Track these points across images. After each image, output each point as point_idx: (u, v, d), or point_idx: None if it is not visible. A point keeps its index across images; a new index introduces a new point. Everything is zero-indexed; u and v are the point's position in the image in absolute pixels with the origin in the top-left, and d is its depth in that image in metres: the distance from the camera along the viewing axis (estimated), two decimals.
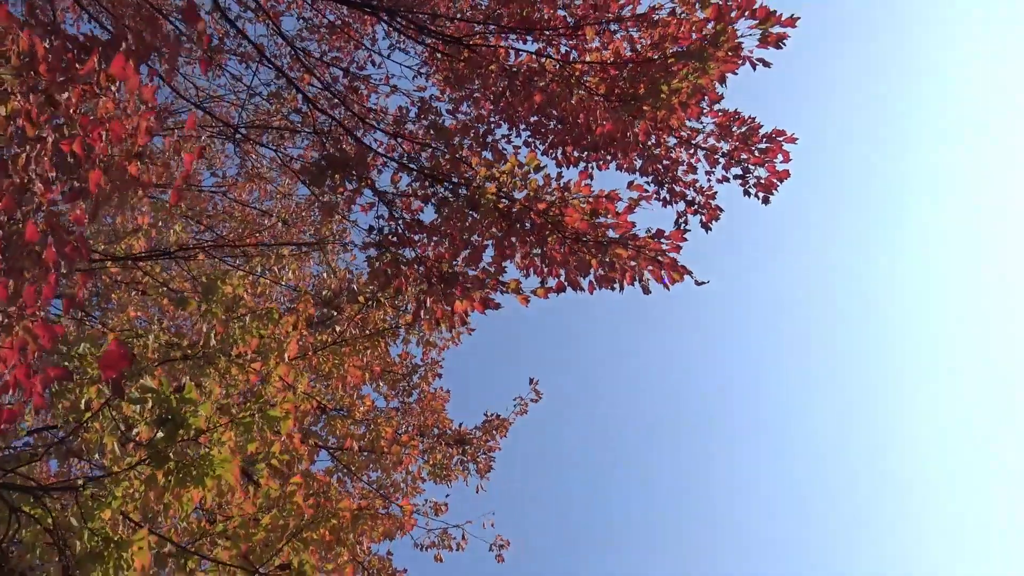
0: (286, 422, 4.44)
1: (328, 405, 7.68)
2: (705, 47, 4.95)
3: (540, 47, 6.69)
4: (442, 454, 8.94)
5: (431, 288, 5.61)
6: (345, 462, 8.63)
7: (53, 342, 2.75)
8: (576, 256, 5.35)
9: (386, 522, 7.65)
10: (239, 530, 4.98)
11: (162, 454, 4.15)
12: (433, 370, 9.52)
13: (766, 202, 7.52)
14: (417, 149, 6.75)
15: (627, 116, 5.52)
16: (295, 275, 8.35)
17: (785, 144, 7.11)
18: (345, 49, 9.49)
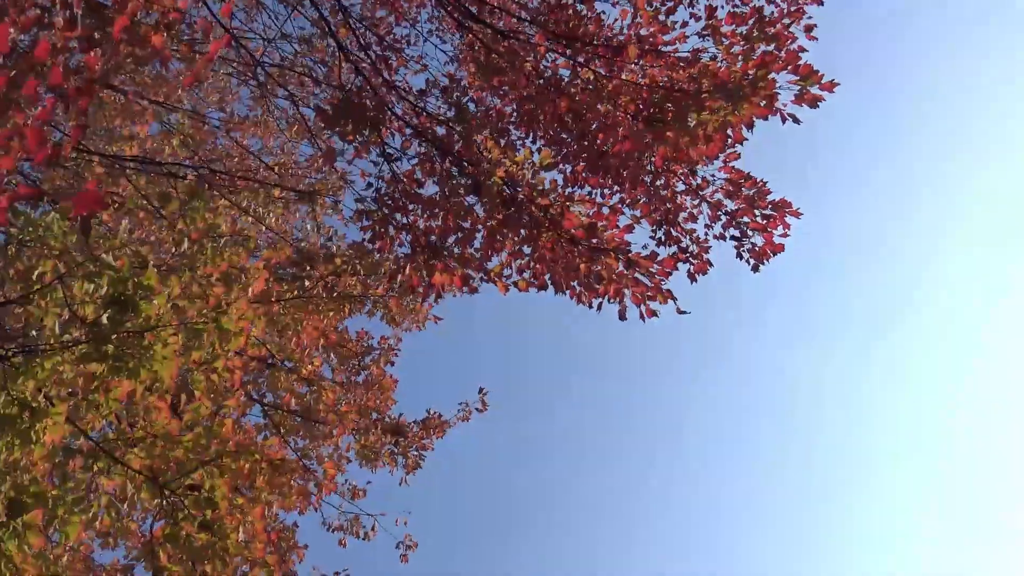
0: (238, 338, 4.31)
1: (278, 356, 7.51)
2: (743, 87, 4.98)
3: (579, 59, 6.72)
4: (376, 438, 8.77)
5: (413, 255, 5.53)
6: (277, 421, 8.43)
7: (41, 149, 2.62)
8: (566, 259, 5.30)
9: (302, 492, 7.46)
10: (158, 441, 4.81)
11: (104, 335, 3.99)
12: (387, 356, 9.37)
13: (755, 270, 7.54)
14: (434, 124, 6.70)
15: (649, 137, 5.51)
16: (277, 223, 8.23)
17: (788, 216, 7.16)
18: (384, 22, 9.49)
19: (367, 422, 8.69)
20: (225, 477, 4.66)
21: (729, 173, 7.08)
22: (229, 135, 10.26)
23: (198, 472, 4.66)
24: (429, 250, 5.50)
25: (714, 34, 6.47)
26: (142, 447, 4.72)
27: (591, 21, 7.15)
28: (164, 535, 4.55)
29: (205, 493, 4.56)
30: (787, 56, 5.17)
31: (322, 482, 7.24)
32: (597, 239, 5.34)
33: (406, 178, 6.03)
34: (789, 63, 5.14)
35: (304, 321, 7.58)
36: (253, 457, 4.81)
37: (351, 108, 5.66)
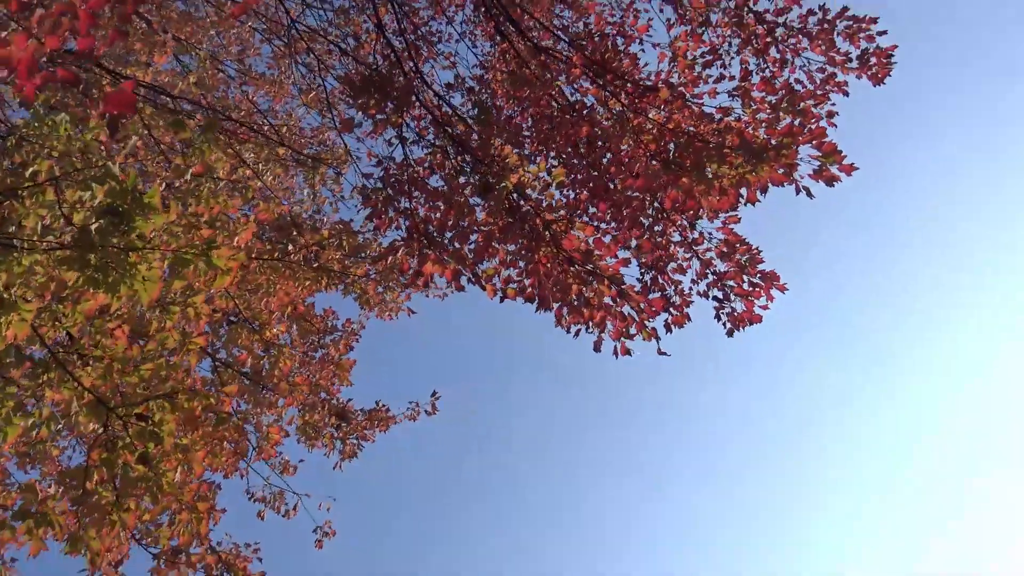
0: (224, 277, 4.23)
1: (244, 313, 7.38)
2: (767, 150, 5.06)
3: (609, 89, 6.79)
4: (320, 417, 8.63)
5: (409, 239, 5.50)
6: (225, 379, 8.27)
7: (88, 34, 2.57)
8: (559, 277, 5.31)
9: (241, 451, 7.32)
10: (115, 365, 4.69)
11: (91, 242, 3.90)
12: (349, 339, 9.27)
13: (730, 335, 7.61)
14: (454, 119, 6.71)
15: (663, 179, 5.57)
16: (273, 183, 8.14)
17: (774, 289, 7.26)
18: (421, 13, 9.52)
19: (316, 399, 8.56)
20: (176, 415, 4.56)
21: (727, 234, 7.17)
22: (241, 88, 10.17)
23: (145, 405, 4.55)
24: (425, 238, 5.47)
25: (744, 96, 6.59)
26: (97, 367, 4.61)
27: (627, 57, 7.25)
28: (100, 459, 4.42)
29: (152, 426, 4.45)
30: (814, 131, 5.27)
31: (263, 445, 7.10)
32: (593, 265, 5.36)
33: (417, 164, 6.02)
34: (814, 138, 5.23)
35: (278, 285, 7.48)
36: (207, 401, 4.71)
37: (379, 83, 5.64)
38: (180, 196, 5.74)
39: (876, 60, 7.90)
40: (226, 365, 8.40)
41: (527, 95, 7.33)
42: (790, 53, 8.26)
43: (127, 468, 4.36)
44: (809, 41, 8.16)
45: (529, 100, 7.36)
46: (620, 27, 7.33)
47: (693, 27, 7.64)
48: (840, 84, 8.07)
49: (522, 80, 7.24)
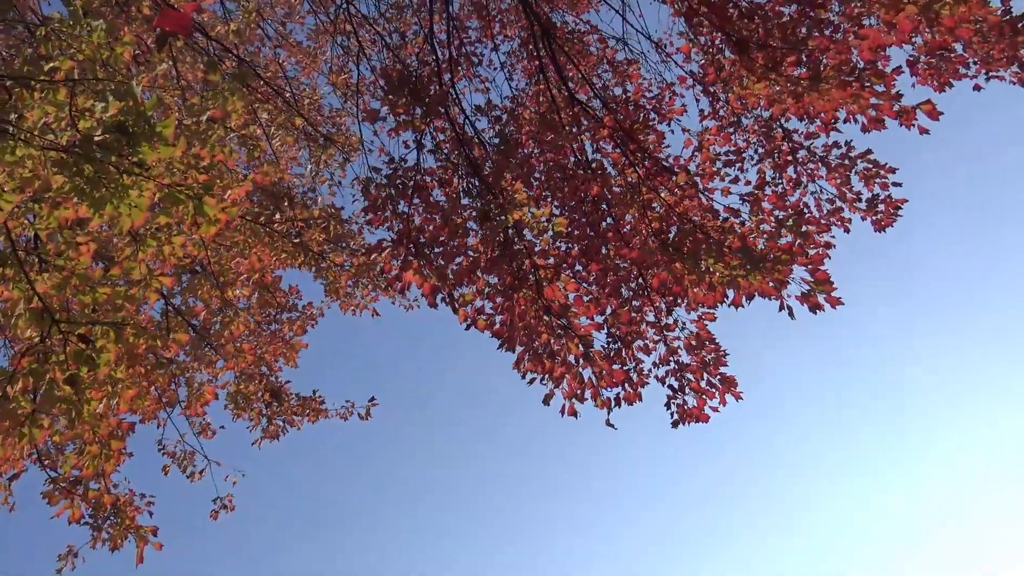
0: (210, 226, 4.17)
1: (211, 267, 7.26)
2: (764, 260, 5.13)
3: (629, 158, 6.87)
4: (255, 390, 8.47)
5: (397, 243, 5.47)
6: (172, 326, 8.11)
7: None
8: (532, 323, 5.30)
9: (171, 398, 7.16)
10: (74, 279, 4.59)
11: (91, 153, 3.82)
12: (306, 322, 9.15)
13: (674, 426, 7.63)
14: (474, 142, 6.74)
15: (657, 258, 5.61)
16: (279, 149, 8.07)
17: (729, 394, 7.31)
18: (466, 32, 9.60)
19: (255, 372, 8.42)
20: (118, 346, 4.44)
21: (700, 328, 7.22)
22: (275, 50, 10.14)
23: (91, 328, 4.43)
24: (413, 246, 5.45)
25: (754, 204, 6.70)
26: (55, 276, 4.49)
27: (654, 133, 7.35)
28: (29, 368, 4.29)
29: (91, 351, 4.33)
30: (812, 256, 5.36)
31: (191, 400, 6.93)
32: (567, 320, 5.37)
33: (426, 173, 6.02)
34: (811, 263, 5.32)
35: (254, 249, 7.39)
36: (153, 342, 4.61)
37: (414, 85, 5.66)
38: (188, 136, 5.68)
39: (884, 208, 8.09)
40: (178, 312, 8.24)
41: (550, 140, 7.39)
42: (806, 177, 8.43)
43: (53, 385, 4.22)
44: (827, 171, 8.34)
45: (550, 146, 7.42)
46: (656, 103, 7.46)
47: (723, 124, 7.78)
48: (844, 220, 8.25)
49: (551, 125, 7.29)
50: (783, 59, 6.29)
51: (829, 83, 5.84)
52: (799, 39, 6.07)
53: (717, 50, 7.05)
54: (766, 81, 6.26)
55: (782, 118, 7.90)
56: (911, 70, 8.28)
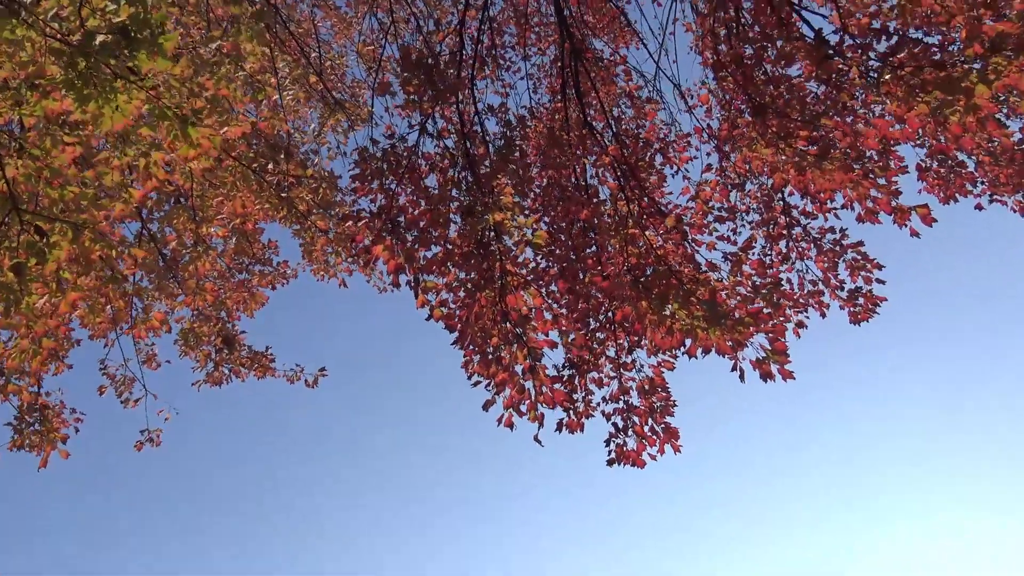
0: (189, 150, 4.14)
1: (193, 202, 7.21)
2: (727, 317, 5.14)
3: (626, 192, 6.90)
4: (208, 332, 8.41)
5: (374, 216, 5.46)
6: (141, 246, 8.05)
7: None
8: (488, 325, 5.29)
9: (122, 317, 7.10)
10: (46, 172, 4.55)
11: (89, 49, 3.80)
12: (276, 279, 9.09)
13: (609, 464, 7.61)
14: (478, 140, 6.75)
15: (627, 292, 5.62)
16: (290, 103, 8.04)
17: (669, 444, 7.30)
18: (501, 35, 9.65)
19: (213, 314, 8.36)
20: (72, 247, 4.40)
21: (656, 374, 7.23)
22: (312, 7, 10.16)
23: (50, 223, 4.39)
24: (391, 224, 5.44)
25: (735, 265, 6.72)
26: (28, 164, 4.46)
27: (657, 174, 7.39)
28: None
29: (44, 244, 4.29)
30: (775, 326, 5.37)
31: (140, 325, 6.87)
32: (523, 331, 5.35)
33: (423, 157, 6.02)
34: (772, 332, 5.33)
35: (240, 193, 7.35)
36: (109, 252, 4.57)
37: (431, 69, 5.66)
38: (198, 64, 5.66)
39: (864, 302, 8.13)
40: (151, 237, 8.19)
41: (554, 156, 7.41)
42: (795, 254, 8.49)
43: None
44: (817, 253, 8.39)
45: (554, 163, 7.44)
46: (665, 146, 7.50)
47: (726, 182, 7.83)
48: (823, 304, 8.29)
49: (558, 142, 7.32)
50: (796, 131, 6.34)
51: (834, 163, 5.88)
52: (815, 115, 6.11)
53: (736, 109, 7.09)
54: (774, 148, 6.30)
55: (784, 189, 7.95)
56: (920, 174, 8.37)
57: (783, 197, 8.41)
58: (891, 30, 5.75)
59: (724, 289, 6.34)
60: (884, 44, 5.86)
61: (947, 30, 5.04)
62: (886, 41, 5.79)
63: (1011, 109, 6.82)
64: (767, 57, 7.13)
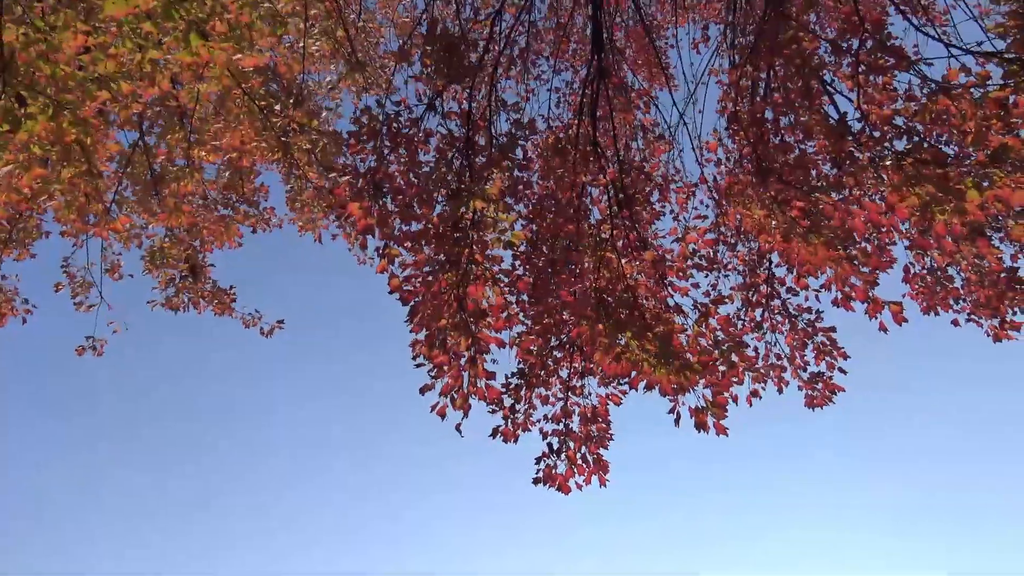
0: (190, 56, 4.11)
1: (194, 120, 7.17)
2: (677, 359, 5.12)
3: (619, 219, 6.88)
4: (177, 255, 8.33)
5: (355, 176, 5.42)
6: (124, 160, 8.00)
7: None
8: (441, 308, 5.25)
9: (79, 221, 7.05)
10: (44, 46, 4.51)
11: None
12: (258, 223, 9.02)
13: (535, 483, 7.56)
14: (483, 131, 6.73)
15: (588, 312, 5.59)
16: (313, 51, 8.00)
17: (596, 475, 7.25)
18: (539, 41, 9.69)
19: (187, 239, 8.29)
20: (48, 122, 4.35)
21: (601, 404, 7.20)
22: None
23: (31, 94, 4.35)
24: (374, 187, 5.41)
25: (703, 316, 6.70)
26: (30, 34, 4.41)
27: (650, 210, 7.39)
28: None
29: (21, 113, 4.25)
30: (721, 380, 5.35)
31: (105, 223, 6.80)
32: (475, 324, 5.31)
33: (423, 132, 6.00)
34: (717, 386, 5.31)
35: (243, 128, 7.32)
36: (86, 138, 4.53)
37: (450, 48, 5.66)
38: None
39: (823, 388, 8.12)
40: (145, 148, 8.14)
41: (557, 169, 7.40)
42: (768, 324, 8.49)
43: None
44: (790, 329, 8.40)
45: (552, 174, 7.43)
46: (666, 185, 7.51)
47: (717, 236, 7.84)
48: (782, 380, 8.28)
49: (562, 155, 7.31)
50: (792, 200, 6.35)
51: (820, 238, 5.88)
52: (814, 188, 6.12)
53: (742, 165, 7.11)
54: (768, 211, 6.31)
55: (771, 257, 7.96)
56: (905, 276, 8.38)
57: (770, 266, 8.41)
58: (909, 129, 5.78)
59: (684, 334, 6.33)
60: (902, 143, 5.89)
61: (957, 133, 5.06)
62: (904, 141, 5.82)
63: (1006, 232, 6.85)
64: (785, 125, 7.16)
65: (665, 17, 10.71)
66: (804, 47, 6.60)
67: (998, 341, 8.06)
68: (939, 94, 5.17)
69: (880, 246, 7.27)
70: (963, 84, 5.13)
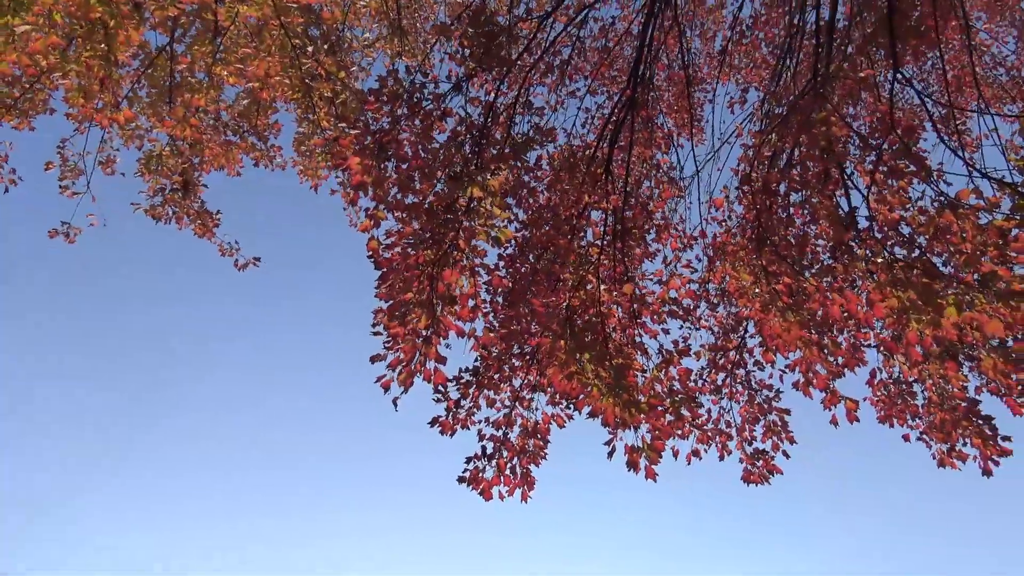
0: (253, 7, 4.08)
1: (226, 41, 7.11)
2: (628, 392, 5.11)
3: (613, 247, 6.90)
4: (173, 166, 8.25)
5: (363, 135, 5.40)
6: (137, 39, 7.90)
7: None
8: (411, 280, 5.22)
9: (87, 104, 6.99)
10: None
11: None
12: (262, 159, 8.98)
13: (459, 481, 7.54)
14: (502, 126, 6.74)
15: (555, 328, 5.57)
16: (359, 7, 7.97)
17: (520, 489, 7.22)
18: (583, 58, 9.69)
19: (187, 152, 8.23)
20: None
21: (545, 421, 7.18)
22: None
23: None
24: (379, 148, 5.39)
25: (665, 363, 6.70)
26: None
27: (642, 246, 7.39)
28: None
29: None
30: (665, 427, 5.34)
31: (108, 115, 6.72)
32: (442, 307, 5.29)
33: (443, 111, 5.98)
34: (660, 431, 5.30)
35: (272, 61, 7.28)
36: (115, 19, 4.48)
37: (492, 36, 5.66)
38: None
39: (762, 465, 8.13)
40: (171, 53, 8.07)
41: (564, 183, 7.41)
42: (727, 390, 8.50)
43: None
44: (747, 400, 8.41)
45: (559, 187, 7.44)
46: (665, 228, 7.51)
47: (700, 291, 7.85)
48: (725, 448, 8.28)
49: (572, 171, 7.32)
50: (781, 274, 6.37)
51: (797, 317, 5.90)
52: (804, 268, 6.15)
53: (743, 229, 7.13)
54: (755, 277, 6.33)
55: (747, 326, 7.97)
56: (869, 380, 8.41)
57: (744, 335, 8.43)
58: (911, 239, 5.81)
59: (643, 373, 6.33)
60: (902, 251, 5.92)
61: (953, 250, 5.09)
62: (905, 250, 5.85)
63: (977, 363, 6.88)
64: (795, 201, 7.20)
65: (710, 71, 10.76)
66: (833, 132, 6.63)
67: (942, 467, 8.09)
68: (947, 209, 5.20)
69: (855, 344, 7.30)
70: (972, 205, 5.16)
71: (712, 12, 11.32)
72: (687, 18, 10.51)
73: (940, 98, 10.19)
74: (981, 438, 7.25)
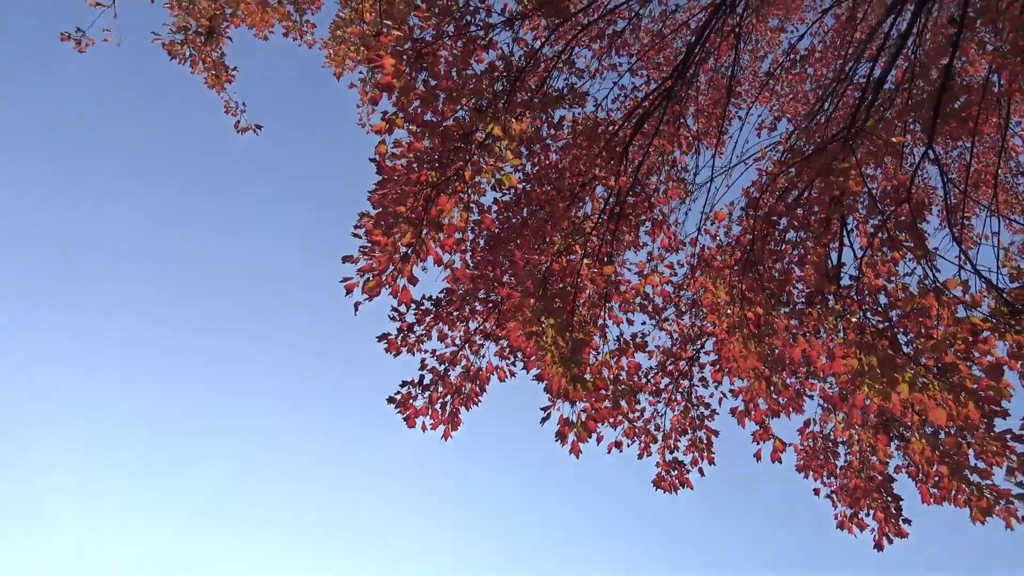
0: None
1: None
2: (577, 363, 5.17)
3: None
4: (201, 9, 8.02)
5: (405, 37, 5.32)
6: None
7: None
8: (404, 196, 5.20)
9: None
10: None
11: None
12: (292, 27, 8.77)
13: (388, 401, 7.62)
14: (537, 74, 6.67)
15: (528, 285, 5.60)
16: None
17: (444, 425, 7.32)
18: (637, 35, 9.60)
19: (220, 18, 8.01)
20: None
21: (488, 368, 7.26)
22: None
23: None
24: (416, 57, 5.31)
25: (619, 351, 6.79)
26: None
27: (632, 234, 7.42)
28: None
29: None
30: (601, 411, 5.44)
31: None
32: (431, 234, 5.28)
33: (489, 41, 5.91)
34: (596, 410, 5.39)
35: None
36: None
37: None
38: None
39: (677, 475, 8.30)
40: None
41: (582, 147, 7.37)
42: (666, 395, 8.62)
43: None
44: (682, 411, 8.55)
45: (572, 151, 7.41)
46: (661, 225, 7.53)
47: (675, 295, 7.93)
48: (647, 449, 8.44)
49: (591, 140, 7.28)
50: (754, 303, 6.45)
51: (757, 348, 6.00)
52: (780, 304, 6.23)
53: (732, 250, 7.19)
54: (730, 298, 6.40)
55: (707, 339, 8.08)
56: (802, 429, 8.60)
57: (699, 349, 8.55)
58: (886, 310, 5.90)
59: (596, 353, 6.40)
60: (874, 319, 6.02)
61: (924, 333, 5.19)
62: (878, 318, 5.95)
63: (907, 442, 7.07)
64: (790, 239, 7.26)
65: (750, 88, 10.73)
66: (848, 185, 6.68)
67: (840, 529, 8.34)
68: (931, 292, 5.29)
69: (799, 391, 7.45)
70: (954, 297, 5.26)
71: (771, 33, 11.25)
72: (746, 29, 10.44)
73: (956, 185, 10.28)
74: (884, 513, 7.47)
